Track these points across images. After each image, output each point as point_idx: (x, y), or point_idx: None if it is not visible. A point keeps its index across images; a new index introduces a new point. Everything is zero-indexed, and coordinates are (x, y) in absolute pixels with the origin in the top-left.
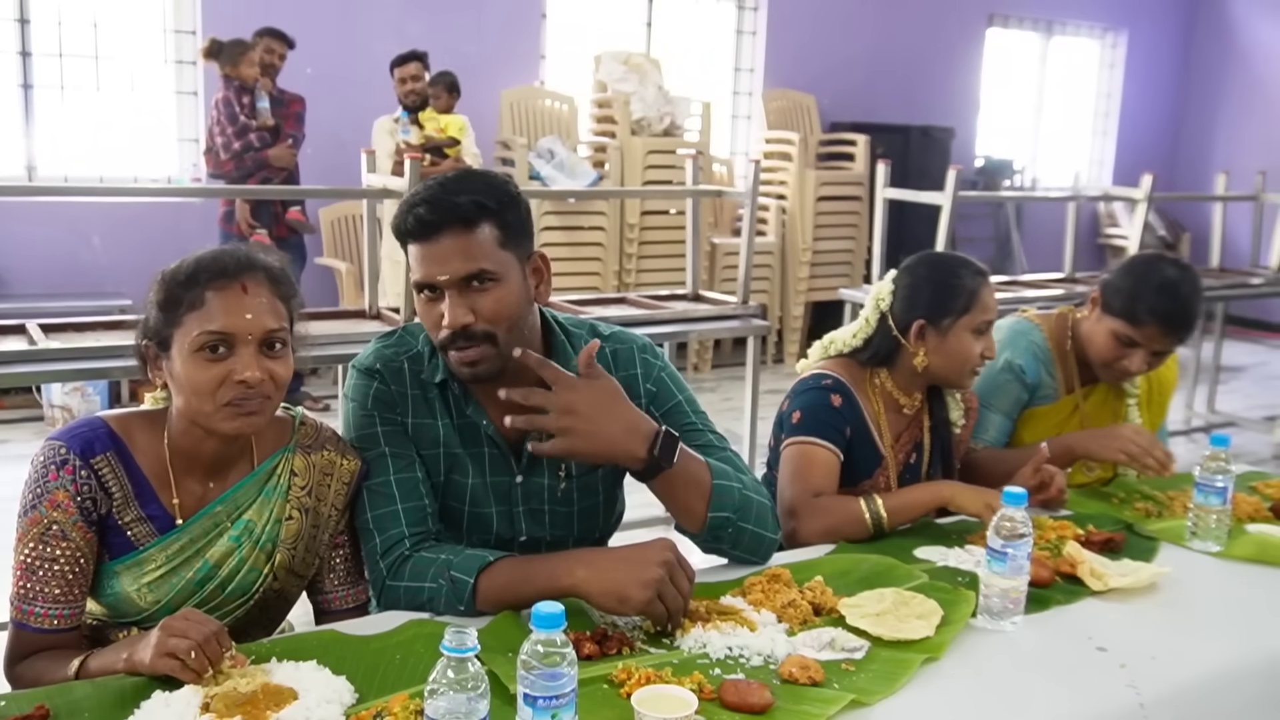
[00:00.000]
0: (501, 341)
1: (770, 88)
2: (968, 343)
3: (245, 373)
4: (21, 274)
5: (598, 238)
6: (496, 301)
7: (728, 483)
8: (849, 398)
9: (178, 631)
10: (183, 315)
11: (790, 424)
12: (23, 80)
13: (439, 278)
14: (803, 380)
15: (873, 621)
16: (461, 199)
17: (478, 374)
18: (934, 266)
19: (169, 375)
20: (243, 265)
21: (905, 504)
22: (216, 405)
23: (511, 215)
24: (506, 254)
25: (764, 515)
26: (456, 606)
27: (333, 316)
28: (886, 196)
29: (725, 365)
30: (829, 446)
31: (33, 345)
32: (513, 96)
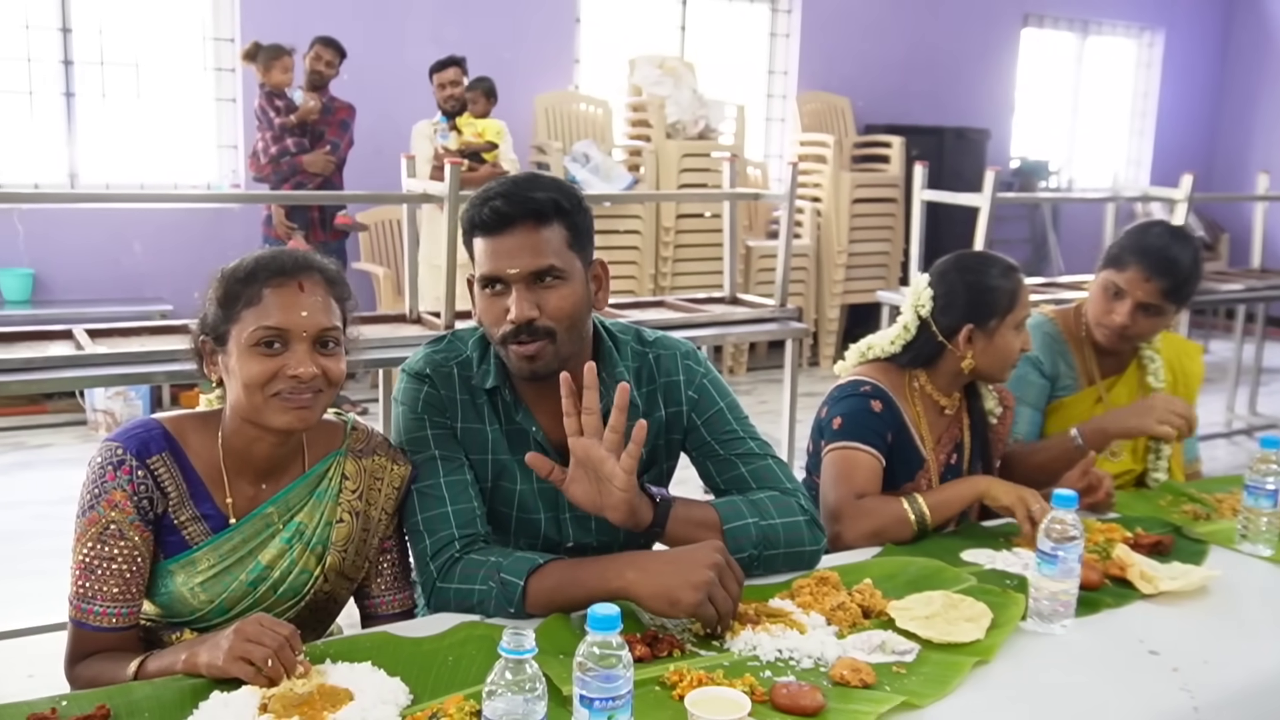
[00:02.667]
0: (561, 340)
1: (804, 90)
2: (1011, 340)
3: (299, 368)
4: (65, 280)
5: (633, 241)
6: (561, 299)
7: (740, 523)
8: (889, 403)
9: (253, 637)
10: (240, 311)
11: (831, 430)
12: (65, 88)
13: (509, 271)
14: (840, 386)
15: (922, 624)
16: (538, 195)
17: (535, 370)
18: (969, 270)
19: (224, 370)
20: (300, 265)
21: (945, 500)
22: (266, 398)
23: (580, 218)
24: (573, 255)
25: (795, 533)
26: (506, 609)
27: (372, 321)
28: (924, 198)
29: (760, 368)
30: (871, 451)
31: (80, 350)
32: (547, 101)
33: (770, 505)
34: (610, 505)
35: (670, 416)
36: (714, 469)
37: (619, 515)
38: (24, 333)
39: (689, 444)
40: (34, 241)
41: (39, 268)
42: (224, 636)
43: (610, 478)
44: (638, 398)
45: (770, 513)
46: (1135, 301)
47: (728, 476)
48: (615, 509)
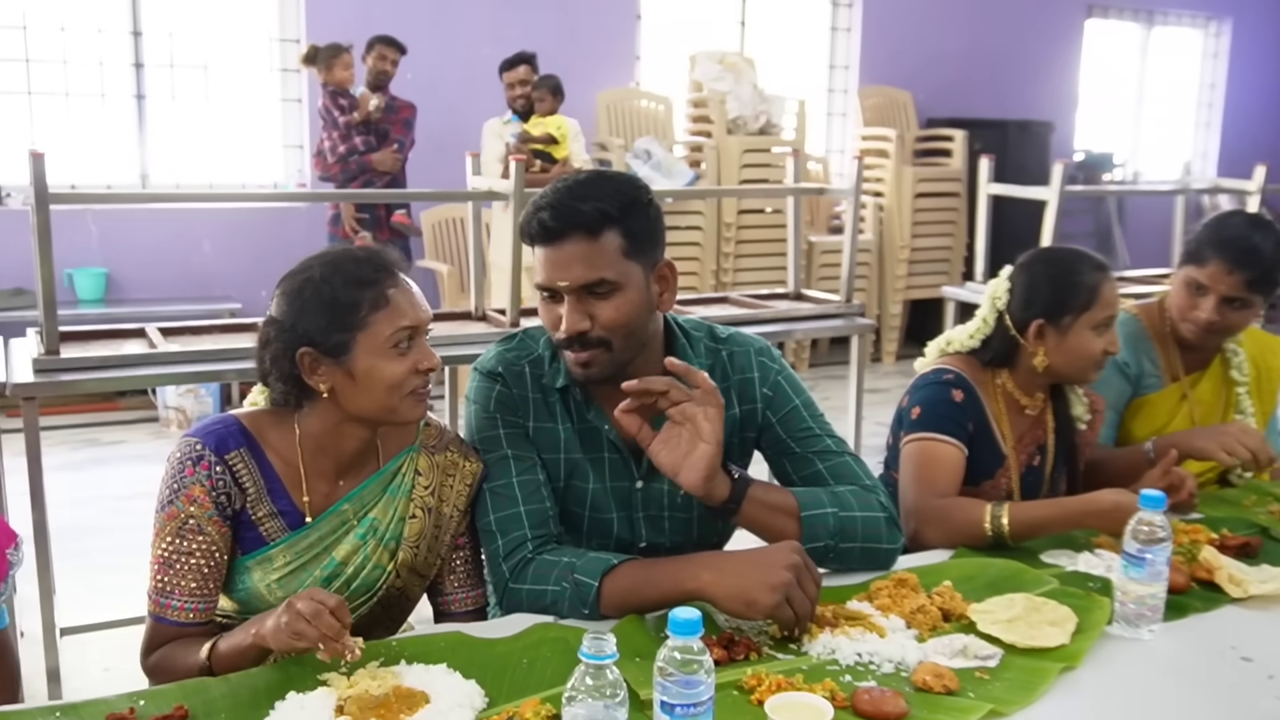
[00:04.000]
0: (616, 349)
1: (866, 84)
2: (1088, 340)
3: (431, 361)
4: (135, 279)
5: (695, 237)
6: (615, 310)
7: (819, 511)
8: (971, 393)
9: (301, 608)
10: (366, 317)
11: (910, 420)
12: (136, 91)
13: (559, 283)
14: (923, 375)
15: (1004, 628)
16: (586, 206)
17: (590, 376)
18: (1051, 263)
19: (342, 378)
20: (395, 262)
21: (1035, 523)
22: (402, 396)
23: (637, 222)
24: (629, 262)
25: (874, 528)
26: (580, 610)
27: (439, 318)
28: (990, 192)
29: (823, 364)
30: (952, 442)
31: (152, 349)
32: (608, 98)
33: (851, 498)
34: (690, 463)
35: (744, 414)
36: (790, 466)
37: (695, 474)
38: (99, 331)
39: (763, 442)
40: (107, 241)
41: (112, 267)
42: (279, 614)
43: (699, 430)
44: None
45: (851, 505)
46: (1219, 296)
47: (804, 474)
48: (693, 467)
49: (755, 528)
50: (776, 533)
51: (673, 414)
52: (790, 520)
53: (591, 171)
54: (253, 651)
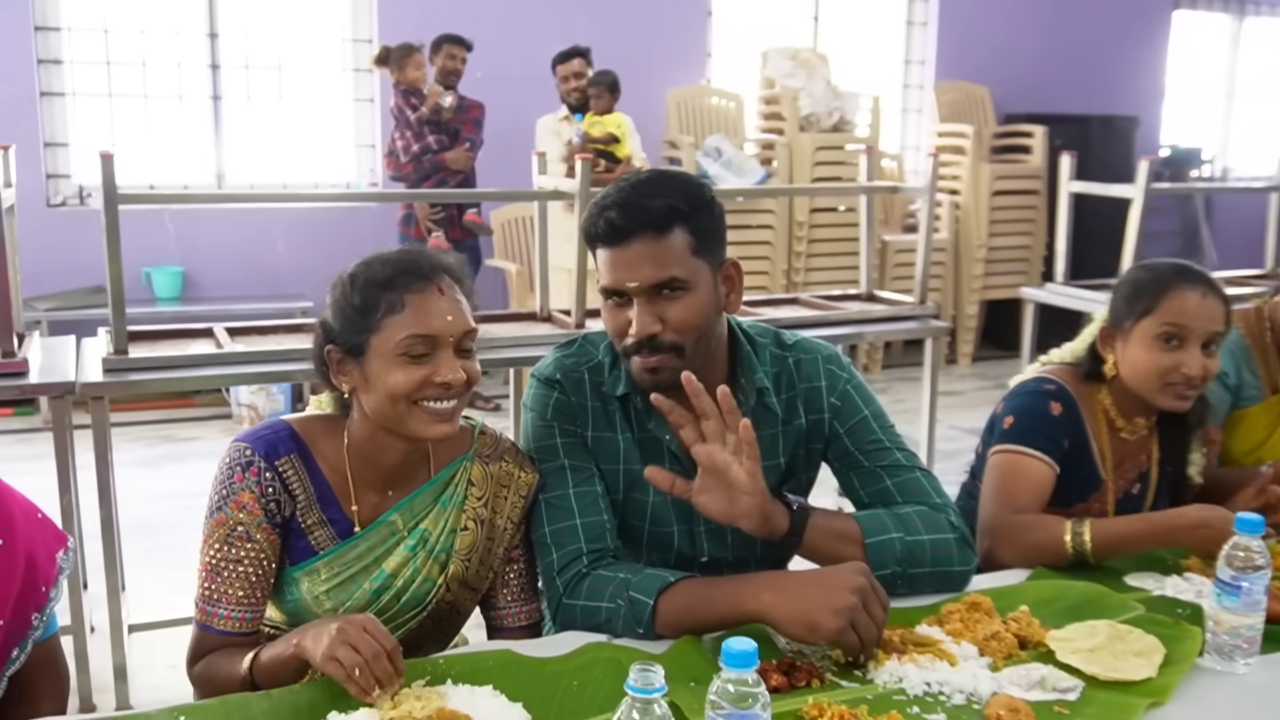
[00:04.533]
0: (688, 352)
1: (942, 79)
2: (1147, 350)
3: (449, 375)
4: (210, 277)
5: (766, 236)
6: (685, 310)
7: (884, 537)
8: (1071, 407)
9: (351, 640)
10: (381, 320)
11: (1002, 429)
12: (212, 92)
13: (628, 284)
14: (1022, 383)
15: (1086, 658)
16: (655, 203)
17: (659, 382)
18: (1139, 269)
19: (360, 380)
20: (435, 267)
21: (1119, 539)
22: (410, 406)
23: (705, 220)
24: (698, 261)
25: (944, 551)
26: (635, 629)
27: (504, 319)
28: (1072, 190)
29: (896, 366)
30: (1042, 458)
31: (219, 349)
32: (679, 96)
33: (918, 520)
34: (741, 513)
35: (811, 424)
36: (857, 481)
37: (751, 523)
38: (167, 331)
39: (830, 454)
40: (183, 241)
41: (188, 266)
42: (327, 629)
43: (736, 483)
44: (776, 404)
45: (917, 528)
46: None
47: (872, 489)
48: (747, 516)
49: (818, 557)
50: (840, 561)
51: (698, 457)
52: (854, 548)
53: (653, 170)
54: (293, 663)
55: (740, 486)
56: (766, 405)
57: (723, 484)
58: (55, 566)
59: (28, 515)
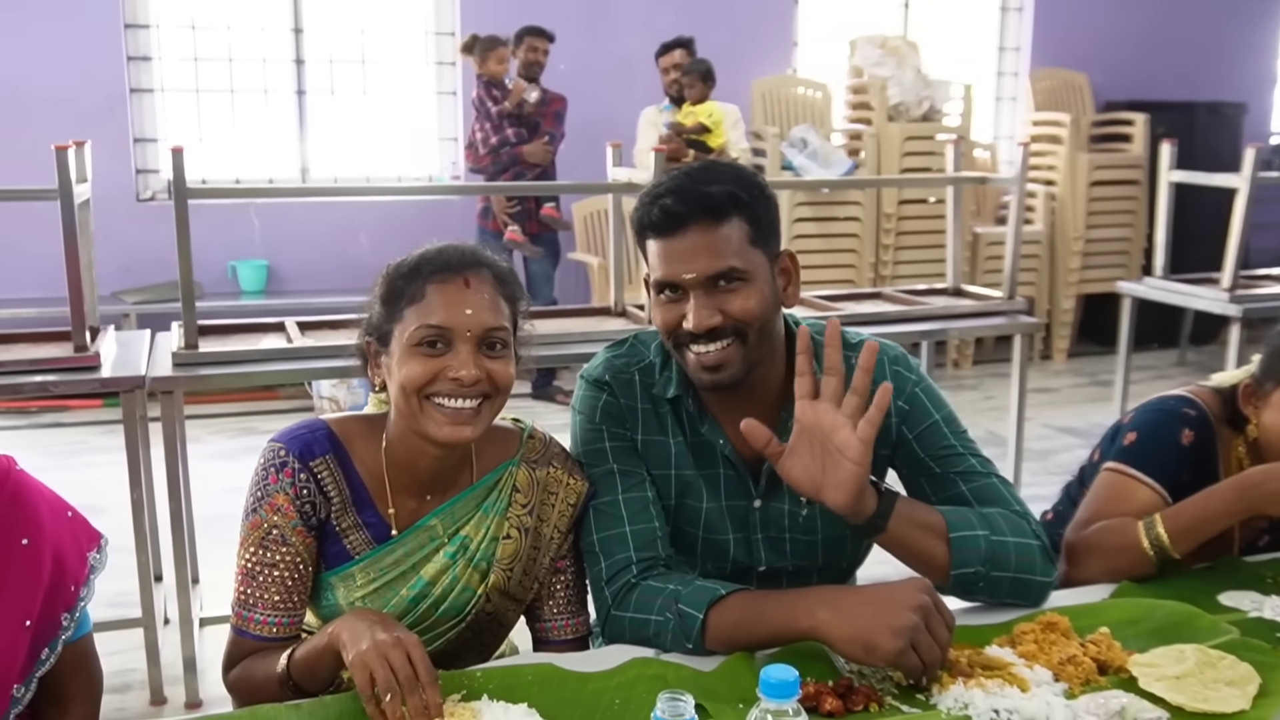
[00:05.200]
0: (751, 343)
1: (1038, 67)
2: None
3: (461, 370)
4: (295, 270)
5: (853, 229)
6: (745, 301)
7: (970, 533)
8: (1206, 440)
9: (393, 661)
10: (402, 309)
11: (1121, 444)
12: (297, 86)
13: (684, 276)
14: (1162, 397)
15: (1171, 686)
16: (713, 189)
17: (719, 380)
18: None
19: (387, 373)
20: (467, 260)
21: (1192, 521)
22: (422, 401)
23: (762, 210)
24: (756, 252)
25: (1028, 557)
26: (684, 643)
27: (581, 314)
28: (1172, 180)
29: (988, 361)
30: (1153, 486)
31: (289, 344)
32: (764, 86)
33: (1002, 522)
34: (835, 482)
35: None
36: (929, 487)
37: (842, 495)
38: (240, 325)
39: (899, 461)
40: (269, 234)
41: (273, 259)
42: (370, 631)
43: (844, 448)
44: None
45: (1002, 529)
46: None
47: (946, 496)
48: (839, 487)
49: (900, 549)
50: (924, 555)
51: (803, 414)
52: (938, 541)
53: (707, 161)
54: (328, 654)
55: (848, 452)
56: None
57: (819, 449)
58: (86, 566)
59: (57, 513)
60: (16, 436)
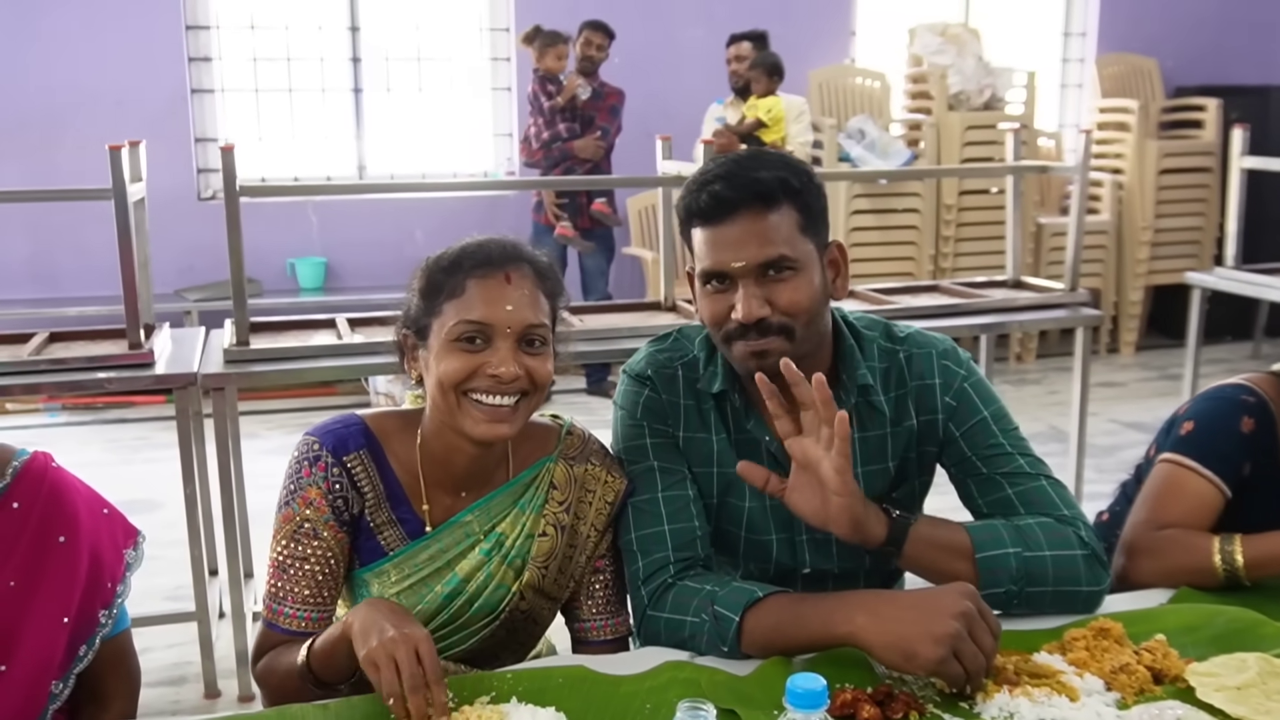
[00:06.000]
0: (799, 336)
1: (1104, 52)
2: None
3: (500, 367)
4: (352, 267)
5: (912, 220)
6: (795, 292)
7: (998, 552)
8: (1268, 427)
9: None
10: (442, 304)
11: (1177, 434)
12: (353, 84)
13: (733, 265)
14: (1219, 386)
15: (1231, 697)
16: (763, 174)
17: (765, 366)
18: None
19: (424, 367)
20: (508, 255)
21: (1276, 554)
22: (460, 398)
23: (813, 198)
24: (806, 241)
25: (1069, 570)
26: (719, 646)
27: (633, 309)
28: (1244, 166)
29: (1052, 355)
30: (1212, 478)
31: (339, 340)
32: (821, 76)
33: (1040, 534)
34: (831, 516)
35: (923, 426)
36: (975, 489)
37: (841, 529)
38: (292, 322)
39: (946, 459)
40: (326, 232)
41: (331, 256)
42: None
43: (825, 481)
44: (884, 403)
45: (1039, 542)
46: None
47: (991, 499)
48: (835, 521)
49: (922, 571)
50: (947, 576)
51: (792, 451)
52: (962, 562)
53: (753, 150)
54: (343, 645)
55: (828, 485)
56: (872, 404)
57: (817, 482)
58: (123, 562)
59: (93, 510)
60: (83, 432)
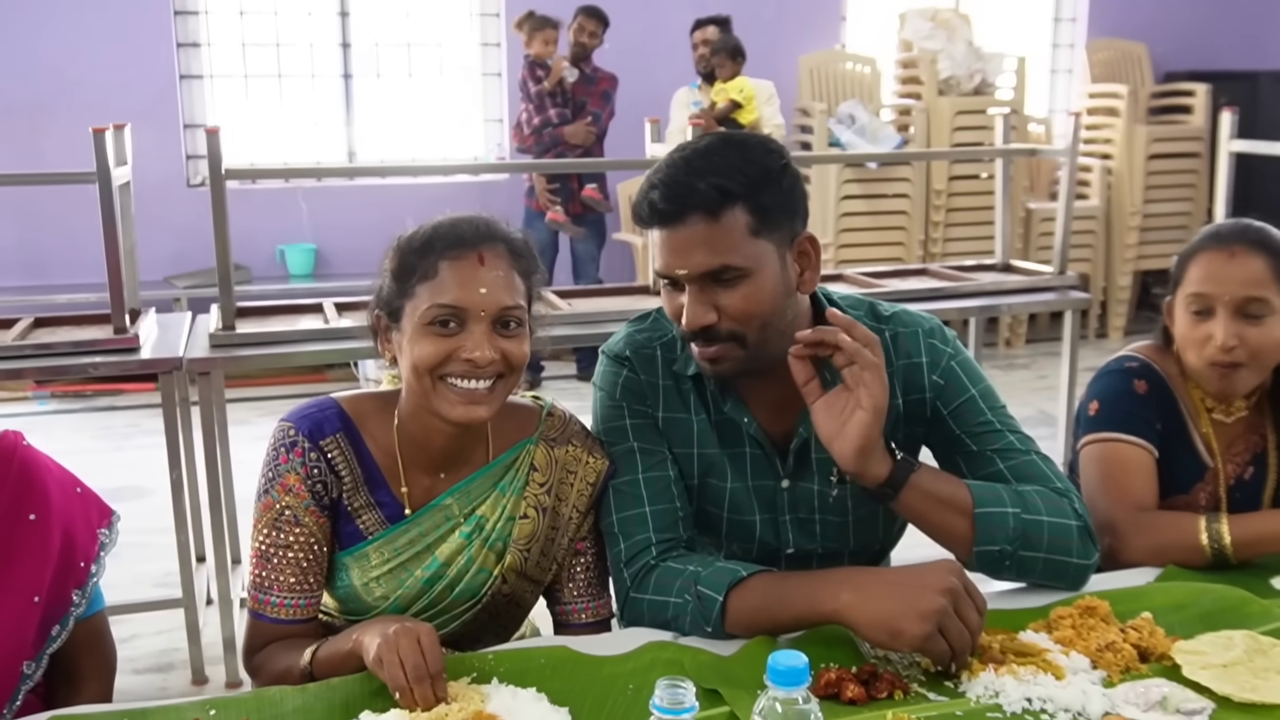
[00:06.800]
0: (751, 342)
1: (1094, 37)
2: (1184, 325)
3: (475, 351)
4: (342, 254)
5: (902, 206)
6: (744, 299)
7: (997, 510)
8: (1158, 385)
9: (401, 652)
10: (415, 285)
11: (1087, 417)
12: (343, 70)
13: (678, 271)
14: (1106, 363)
15: (1218, 675)
16: (702, 184)
17: (720, 372)
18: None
19: (398, 349)
20: (481, 235)
21: (1263, 535)
22: (435, 382)
23: (769, 195)
24: (760, 242)
25: (1064, 538)
26: (703, 627)
27: (621, 293)
28: (1232, 150)
29: (1042, 340)
30: (1138, 442)
31: (325, 324)
32: (812, 62)
33: (1039, 500)
34: (846, 431)
35: (909, 405)
36: (965, 466)
37: (849, 445)
38: (278, 307)
39: (933, 438)
40: (316, 218)
41: (321, 243)
42: (383, 629)
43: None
44: None
45: (1038, 507)
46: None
47: (983, 474)
48: (848, 436)
49: (919, 521)
50: (945, 529)
51: (847, 374)
52: (961, 518)
53: (716, 137)
54: (352, 660)
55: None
56: None
57: (844, 403)
58: (96, 542)
59: (65, 489)
60: (73, 420)
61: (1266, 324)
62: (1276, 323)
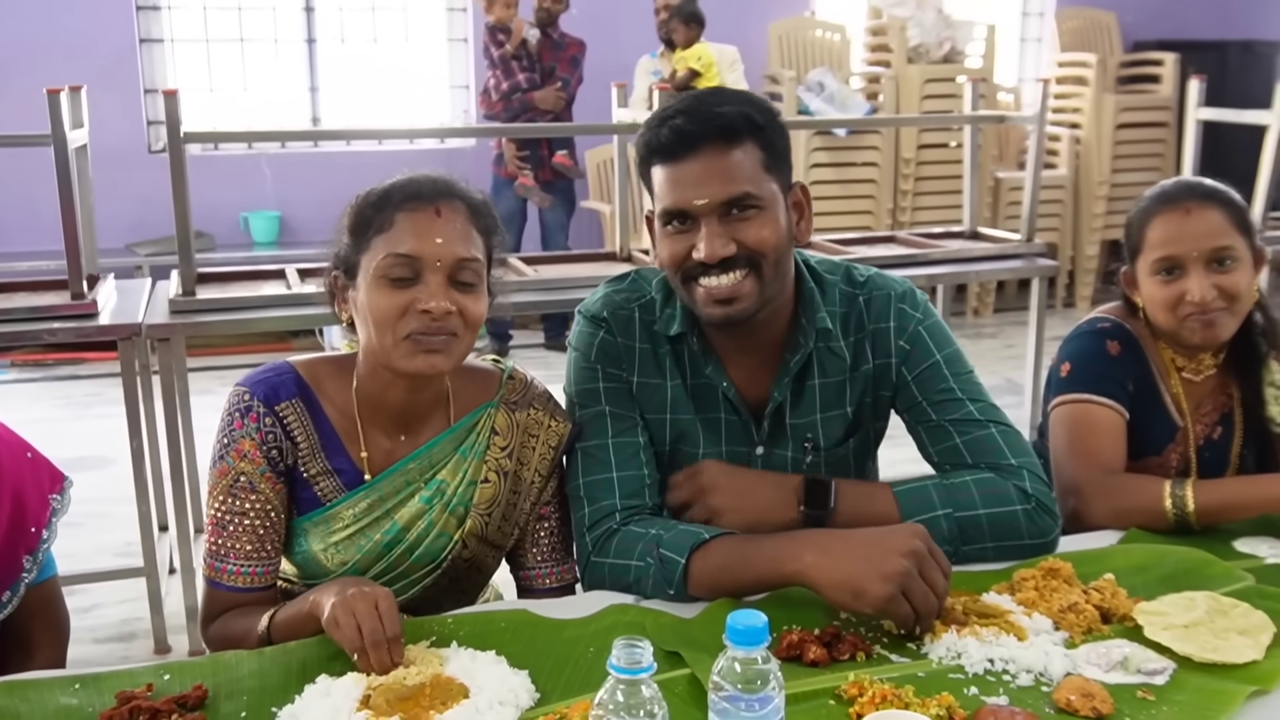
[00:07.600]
0: (766, 274)
1: (1064, 6)
2: (1154, 288)
3: (430, 302)
4: (307, 221)
5: (870, 174)
6: (761, 228)
7: (928, 515)
8: (1131, 345)
9: (358, 614)
10: (371, 238)
11: (1059, 378)
12: (307, 35)
13: (695, 202)
14: (1078, 325)
15: (1179, 635)
16: (727, 109)
17: (730, 314)
18: (1140, 200)
19: (355, 308)
20: (439, 190)
21: (1226, 503)
22: (396, 338)
23: (777, 136)
24: (770, 179)
25: (1007, 525)
26: (665, 589)
27: (589, 259)
28: (1199, 118)
29: (1009, 309)
30: (1109, 404)
31: (288, 290)
32: (781, 29)
33: (974, 491)
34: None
35: (878, 369)
36: (926, 437)
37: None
38: (240, 273)
39: (899, 404)
40: (280, 186)
41: (285, 210)
42: (340, 589)
43: None
44: (844, 349)
45: (972, 501)
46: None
47: (940, 448)
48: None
49: None
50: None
51: None
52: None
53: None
54: (310, 623)
55: None
56: (831, 348)
57: None
58: (48, 508)
59: (15, 454)
60: (34, 389)
61: (1236, 269)
62: (1244, 267)
